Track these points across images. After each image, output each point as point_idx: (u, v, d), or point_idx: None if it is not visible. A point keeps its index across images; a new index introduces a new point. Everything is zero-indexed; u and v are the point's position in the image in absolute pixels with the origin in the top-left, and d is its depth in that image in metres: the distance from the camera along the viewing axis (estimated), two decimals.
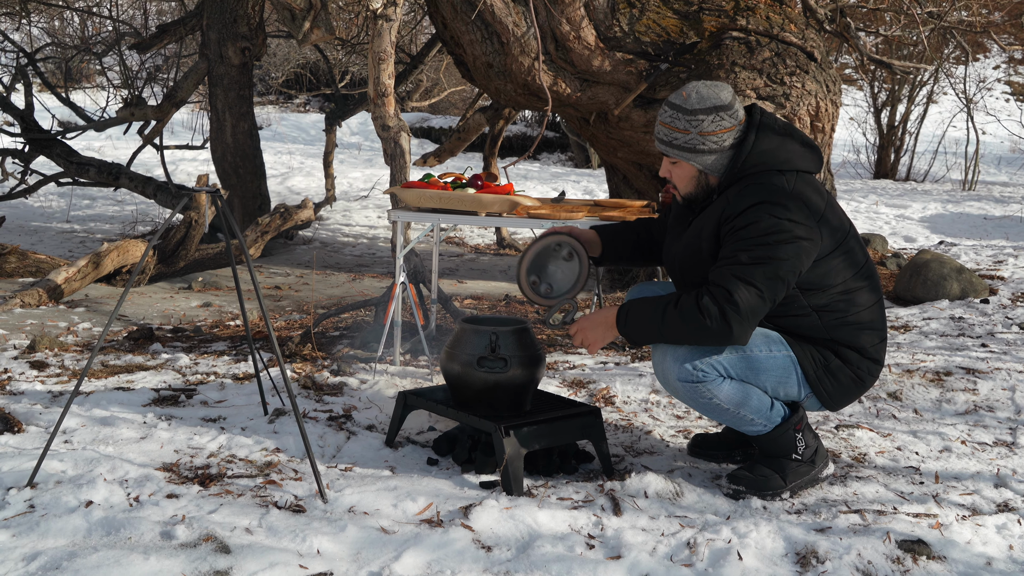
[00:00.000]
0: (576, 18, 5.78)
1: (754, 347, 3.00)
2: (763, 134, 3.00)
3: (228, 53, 8.53)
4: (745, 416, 3.04)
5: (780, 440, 3.10)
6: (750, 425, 3.08)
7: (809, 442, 3.14)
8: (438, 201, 4.45)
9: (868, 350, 3.07)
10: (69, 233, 9.38)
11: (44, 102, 11.19)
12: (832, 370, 3.05)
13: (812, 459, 3.13)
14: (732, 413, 3.04)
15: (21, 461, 3.11)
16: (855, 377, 3.07)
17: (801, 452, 3.11)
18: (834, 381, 3.06)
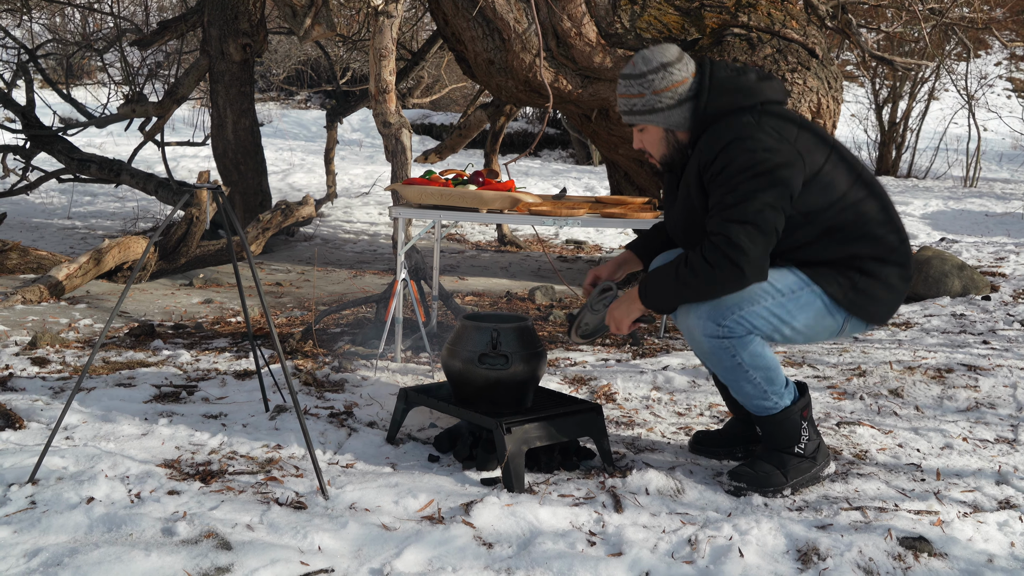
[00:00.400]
0: (577, 14, 5.77)
1: (773, 296, 2.98)
2: (716, 78, 3.01)
3: (229, 49, 8.53)
4: (760, 385, 3.02)
5: (786, 424, 3.08)
6: (763, 400, 3.05)
7: (812, 436, 3.13)
8: (439, 198, 4.45)
9: (890, 257, 3.02)
10: (70, 229, 9.38)
11: (45, 98, 11.19)
12: (861, 289, 2.99)
13: (814, 455, 3.12)
14: (751, 380, 3.02)
15: (22, 457, 3.11)
16: (887, 287, 3.02)
17: (804, 444, 3.10)
18: (867, 298, 3.00)
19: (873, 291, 3.02)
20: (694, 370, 4.40)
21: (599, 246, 9.21)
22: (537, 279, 7.39)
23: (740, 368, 3.02)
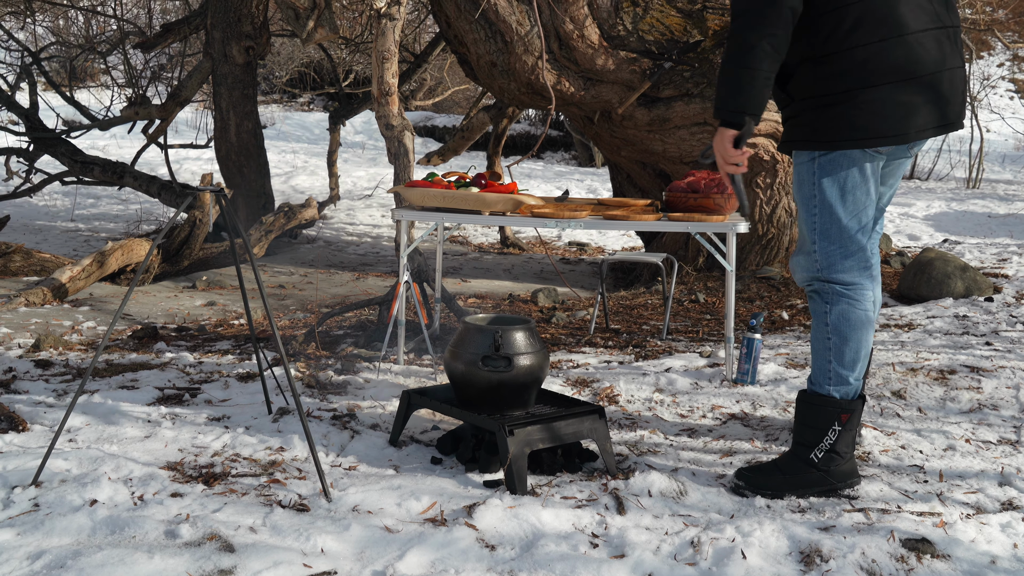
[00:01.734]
0: (580, 17, 5.78)
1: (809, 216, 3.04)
2: None
3: (232, 52, 8.54)
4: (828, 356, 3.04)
5: (818, 415, 3.04)
6: (824, 376, 3.05)
7: (838, 449, 3.03)
8: (442, 200, 4.45)
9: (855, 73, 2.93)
10: (73, 232, 9.39)
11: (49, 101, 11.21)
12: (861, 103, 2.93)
13: (827, 468, 3.04)
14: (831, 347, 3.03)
15: (26, 460, 3.12)
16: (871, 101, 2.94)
17: (822, 454, 3.03)
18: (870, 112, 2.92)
19: (853, 112, 2.94)
20: (696, 372, 4.40)
21: (602, 248, 9.22)
22: (540, 281, 7.40)
23: (824, 326, 3.04)
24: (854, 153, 2.97)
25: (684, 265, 6.71)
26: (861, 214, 3.03)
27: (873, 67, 2.90)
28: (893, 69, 2.91)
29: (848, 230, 3.01)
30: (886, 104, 2.92)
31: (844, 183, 3.00)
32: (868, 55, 2.90)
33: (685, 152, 6.20)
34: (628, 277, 7.29)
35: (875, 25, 2.90)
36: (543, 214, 4.37)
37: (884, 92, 2.91)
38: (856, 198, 3.01)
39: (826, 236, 3.02)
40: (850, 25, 2.90)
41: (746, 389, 4.17)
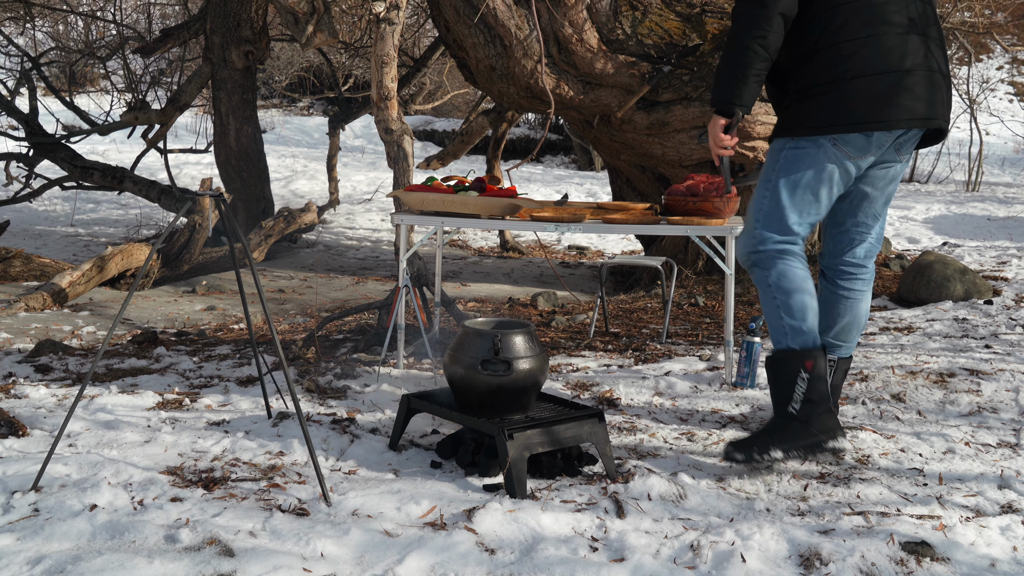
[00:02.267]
0: (579, 21, 5.79)
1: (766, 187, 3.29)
2: None
3: (232, 57, 8.55)
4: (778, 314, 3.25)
5: (782, 370, 3.22)
6: (781, 333, 3.24)
7: (811, 399, 3.15)
8: (441, 204, 4.45)
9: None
10: (73, 237, 9.40)
11: (48, 106, 11.21)
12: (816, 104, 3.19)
13: (808, 419, 3.12)
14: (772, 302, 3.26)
15: (25, 465, 3.12)
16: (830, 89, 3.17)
17: (799, 404, 3.15)
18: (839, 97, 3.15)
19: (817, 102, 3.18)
20: (696, 375, 4.40)
21: (601, 252, 9.22)
22: (539, 285, 7.40)
23: (770, 292, 3.27)
24: (818, 154, 3.20)
25: (684, 269, 6.71)
26: (806, 211, 3.26)
27: (856, 60, 3.12)
28: (873, 62, 3.12)
29: (787, 219, 3.26)
30: (860, 94, 3.12)
31: (800, 180, 3.23)
32: (853, 49, 3.13)
33: (684, 155, 6.20)
34: (628, 281, 7.29)
35: (862, 24, 3.13)
36: (542, 218, 4.38)
37: (862, 83, 3.12)
38: (806, 198, 3.24)
39: (767, 221, 3.28)
40: (839, 23, 3.14)
41: (745, 392, 4.17)
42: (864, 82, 3.12)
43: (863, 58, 3.12)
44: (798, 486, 3.15)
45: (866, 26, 3.13)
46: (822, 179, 3.22)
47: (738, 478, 3.20)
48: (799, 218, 3.26)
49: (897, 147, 3.26)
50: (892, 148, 3.25)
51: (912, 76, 3.13)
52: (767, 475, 3.23)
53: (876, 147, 3.20)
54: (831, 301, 3.50)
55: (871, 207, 3.39)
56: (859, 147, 3.19)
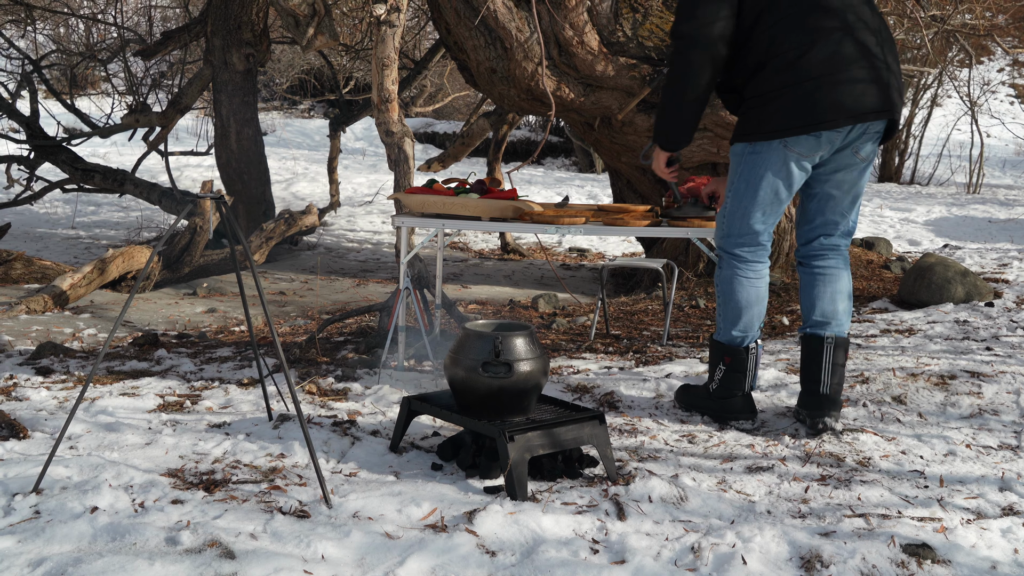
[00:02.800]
0: (579, 23, 5.79)
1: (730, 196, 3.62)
2: None
3: (232, 59, 8.55)
4: (720, 309, 3.71)
5: (712, 354, 3.78)
6: (718, 323, 3.74)
7: (727, 386, 3.72)
8: (441, 206, 4.46)
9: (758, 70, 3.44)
10: (74, 239, 9.40)
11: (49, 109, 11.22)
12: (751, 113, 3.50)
13: (722, 400, 3.74)
14: (719, 304, 3.71)
15: (27, 467, 3.12)
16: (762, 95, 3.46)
17: (715, 386, 3.76)
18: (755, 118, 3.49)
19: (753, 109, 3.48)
20: (697, 378, 4.40)
21: (602, 254, 9.23)
22: (540, 287, 7.40)
23: (717, 285, 3.71)
24: (772, 157, 3.47)
25: (684, 271, 6.71)
26: (769, 210, 3.56)
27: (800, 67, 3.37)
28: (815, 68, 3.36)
29: (749, 217, 3.57)
30: (805, 99, 3.37)
31: (760, 181, 3.52)
32: (796, 57, 3.37)
33: (685, 158, 6.21)
34: (628, 283, 7.29)
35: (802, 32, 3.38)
36: (543, 220, 4.38)
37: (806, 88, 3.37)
38: (767, 197, 3.54)
39: (731, 217, 3.62)
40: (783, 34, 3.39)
41: None
42: (808, 87, 3.35)
43: (805, 64, 3.35)
44: (799, 488, 3.15)
45: (806, 34, 3.37)
46: (779, 179, 3.50)
47: (739, 480, 3.21)
48: (763, 216, 3.57)
49: (855, 149, 3.50)
50: (849, 149, 3.49)
51: (853, 76, 3.36)
52: (768, 476, 3.23)
53: (827, 144, 3.45)
54: (809, 284, 3.72)
55: (838, 206, 3.64)
56: (810, 147, 3.45)
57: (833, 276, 3.68)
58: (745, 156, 3.52)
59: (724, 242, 3.64)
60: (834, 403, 3.62)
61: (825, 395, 3.63)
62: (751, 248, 3.61)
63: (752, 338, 3.72)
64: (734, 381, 3.71)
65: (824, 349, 3.65)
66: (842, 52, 3.35)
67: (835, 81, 3.35)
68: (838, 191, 3.60)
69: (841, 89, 3.35)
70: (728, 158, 6.13)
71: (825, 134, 3.41)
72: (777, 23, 3.39)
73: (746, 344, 3.70)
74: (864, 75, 3.37)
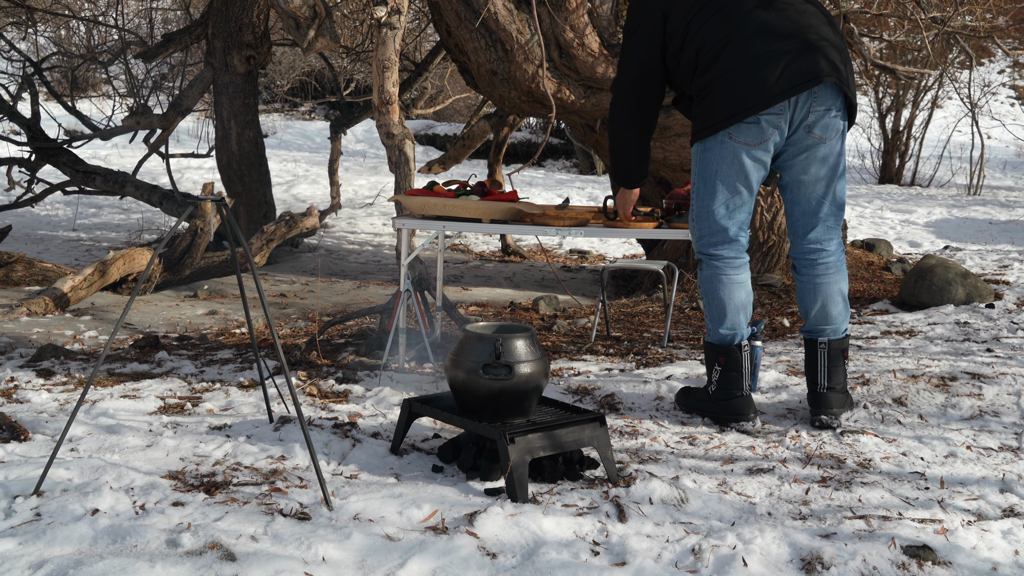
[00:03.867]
0: (580, 25, 5.79)
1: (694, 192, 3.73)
2: None
3: (233, 61, 8.56)
4: (706, 311, 3.77)
5: (707, 357, 3.80)
6: (707, 326, 3.77)
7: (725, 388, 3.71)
8: (442, 208, 4.46)
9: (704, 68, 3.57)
10: (75, 241, 9.41)
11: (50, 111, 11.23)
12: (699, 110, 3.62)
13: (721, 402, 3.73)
14: (705, 304, 3.76)
15: (27, 469, 3.12)
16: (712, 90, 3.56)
17: (713, 388, 3.76)
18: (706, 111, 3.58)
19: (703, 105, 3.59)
20: (698, 380, 4.40)
21: (603, 255, 9.23)
22: (541, 289, 7.40)
23: (701, 289, 3.76)
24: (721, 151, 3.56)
25: (685, 272, 6.71)
26: (731, 203, 3.62)
27: (725, 58, 3.49)
28: (739, 54, 3.48)
29: (714, 215, 3.64)
30: (734, 86, 3.49)
31: (715, 176, 3.60)
32: (720, 50, 3.50)
33: (685, 159, 6.21)
34: (629, 285, 7.29)
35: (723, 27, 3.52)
36: (543, 222, 4.38)
37: (734, 75, 3.48)
38: (726, 191, 3.60)
39: (699, 218, 3.69)
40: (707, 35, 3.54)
41: None
42: (736, 74, 3.47)
43: (729, 54, 3.48)
44: (799, 490, 3.15)
45: (729, 25, 3.50)
46: (733, 171, 3.56)
47: (740, 482, 3.21)
48: (726, 211, 3.63)
49: (807, 128, 3.53)
50: (803, 130, 3.54)
51: (774, 54, 3.45)
52: (769, 478, 3.23)
53: (771, 128, 3.50)
54: (803, 289, 3.82)
55: (810, 192, 3.66)
56: (753, 134, 3.51)
57: (823, 284, 3.76)
58: (698, 156, 3.63)
59: (699, 244, 3.72)
60: (832, 401, 3.75)
61: (822, 393, 3.77)
62: (725, 246, 3.68)
63: (742, 336, 3.75)
64: (731, 381, 3.73)
65: (818, 353, 3.80)
66: (762, 35, 3.47)
67: (757, 64, 3.45)
68: (805, 175, 3.64)
69: (765, 70, 3.44)
70: None
71: (763, 118, 3.47)
72: (701, 29, 3.54)
73: (737, 342, 3.73)
74: (786, 51, 3.45)
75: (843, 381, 3.81)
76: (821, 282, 3.76)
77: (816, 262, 3.76)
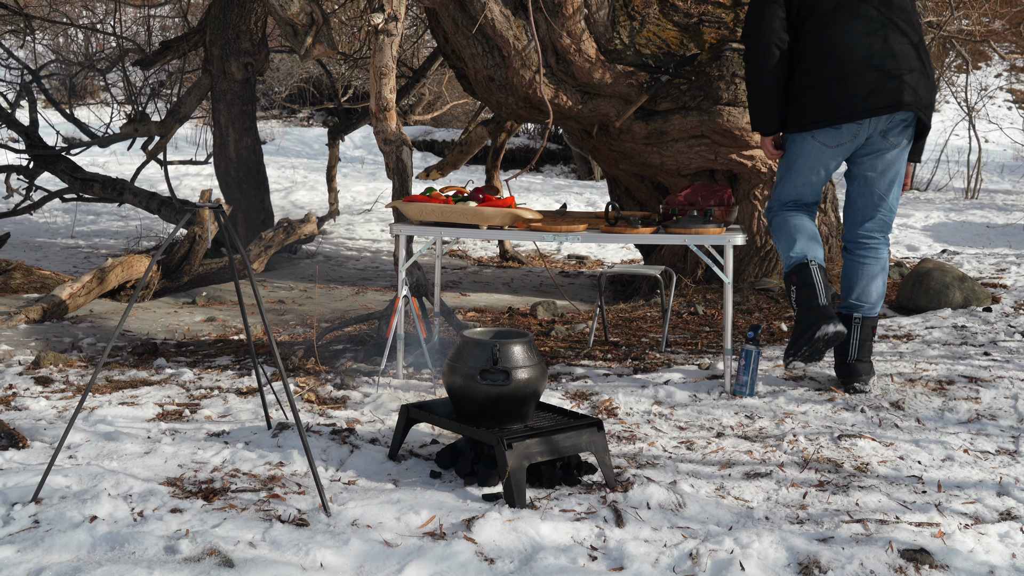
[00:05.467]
0: (577, 31, 5.80)
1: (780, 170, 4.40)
2: None
3: (231, 68, 8.57)
4: (780, 249, 4.33)
5: (786, 286, 4.28)
6: (784, 262, 4.30)
7: (804, 301, 4.15)
8: (440, 215, 4.47)
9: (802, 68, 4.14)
10: (74, 249, 9.41)
11: (49, 118, 11.24)
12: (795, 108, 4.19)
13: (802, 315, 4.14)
14: (777, 242, 4.36)
15: (26, 476, 3.12)
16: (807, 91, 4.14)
17: (796, 307, 4.20)
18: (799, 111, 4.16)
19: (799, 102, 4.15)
20: (695, 384, 4.41)
21: (601, 261, 9.23)
22: (539, 294, 7.41)
23: (773, 234, 4.38)
24: (804, 146, 4.20)
25: (683, 277, 6.72)
26: (803, 183, 4.29)
27: (826, 66, 4.06)
28: (838, 67, 4.04)
29: (789, 187, 4.32)
30: (826, 96, 4.07)
31: (794, 164, 4.29)
32: (823, 58, 4.06)
33: (683, 164, 6.22)
34: (627, 290, 7.30)
35: (829, 35, 4.07)
36: (541, 228, 4.39)
37: (829, 87, 4.06)
38: (799, 178, 4.29)
39: (778, 189, 4.39)
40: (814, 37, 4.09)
41: (744, 401, 4.18)
42: (830, 85, 4.05)
43: (831, 64, 4.05)
44: (797, 494, 3.16)
45: (832, 37, 4.06)
46: (808, 164, 4.24)
47: (737, 486, 3.21)
48: (799, 190, 4.31)
49: (882, 133, 4.13)
50: (878, 135, 4.13)
51: (865, 74, 4.03)
52: (766, 483, 3.24)
53: (849, 136, 4.13)
54: (851, 269, 4.35)
55: (875, 187, 4.25)
56: (833, 137, 4.13)
57: (870, 265, 4.32)
58: (788, 144, 4.31)
59: (773, 204, 4.40)
60: (861, 370, 4.25)
61: (852, 364, 4.26)
62: (792, 207, 4.35)
63: (810, 256, 4.22)
64: (807, 294, 4.17)
65: (853, 326, 4.29)
66: (864, 52, 4.03)
67: (851, 81, 4.03)
68: (872, 172, 4.23)
69: (856, 88, 4.02)
70: (724, 165, 6.15)
71: (845, 126, 4.09)
72: (812, 28, 4.08)
73: (807, 260, 4.22)
74: (877, 75, 4.03)
75: (869, 353, 4.31)
76: (868, 263, 4.31)
77: (868, 246, 4.31)
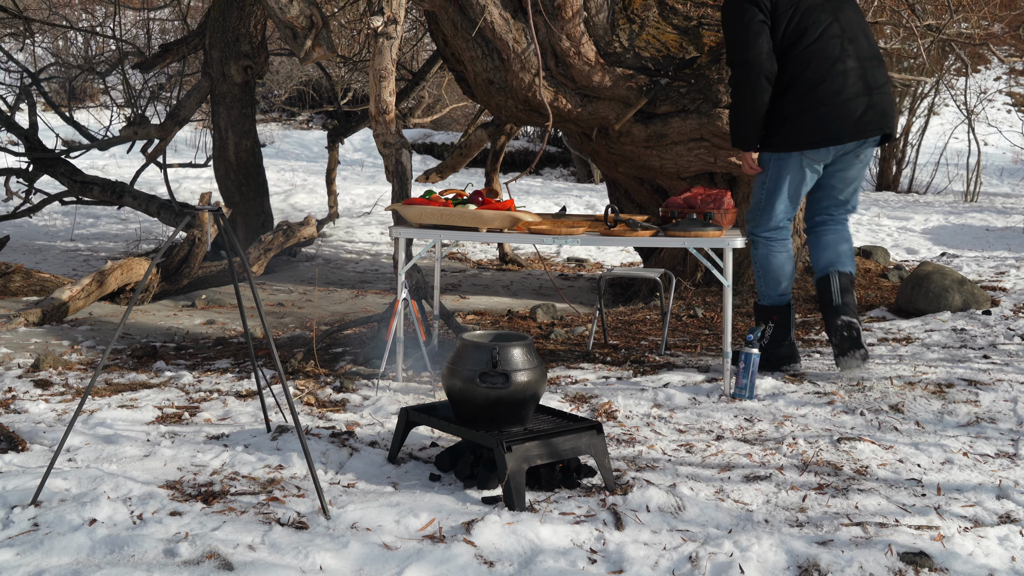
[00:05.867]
0: (576, 34, 5.81)
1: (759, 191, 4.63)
2: None
3: (230, 71, 8.57)
4: (759, 280, 4.66)
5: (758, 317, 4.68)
6: (760, 292, 4.67)
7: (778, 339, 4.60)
8: (439, 217, 4.47)
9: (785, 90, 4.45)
10: (73, 252, 9.41)
11: (48, 121, 11.24)
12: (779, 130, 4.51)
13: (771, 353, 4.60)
14: (760, 276, 4.65)
15: (25, 479, 3.12)
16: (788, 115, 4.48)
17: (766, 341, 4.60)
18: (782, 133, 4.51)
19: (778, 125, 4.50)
20: (695, 387, 4.41)
21: (600, 264, 9.24)
22: (538, 297, 7.41)
23: (756, 268, 4.67)
24: (792, 164, 4.50)
25: (682, 280, 6.72)
26: (789, 205, 4.57)
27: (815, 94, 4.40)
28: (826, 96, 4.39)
29: (773, 211, 4.57)
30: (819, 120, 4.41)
31: (783, 183, 4.54)
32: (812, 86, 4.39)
33: (682, 167, 6.22)
34: (626, 293, 7.30)
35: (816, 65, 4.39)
36: (540, 230, 4.39)
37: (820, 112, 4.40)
38: (787, 196, 4.55)
39: (761, 210, 4.60)
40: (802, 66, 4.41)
41: (744, 404, 4.18)
42: (821, 111, 4.41)
43: (820, 92, 4.39)
44: (796, 497, 3.16)
45: (819, 66, 4.40)
46: (797, 180, 4.55)
47: (737, 489, 3.21)
48: (784, 210, 4.58)
49: (856, 154, 4.53)
50: (851, 155, 4.53)
51: (856, 102, 4.41)
52: (766, 485, 3.24)
53: (834, 154, 4.51)
54: (815, 242, 4.66)
55: (840, 194, 4.65)
56: (821, 156, 4.51)
57: (834, 234, 4.64)
58: (773, 161, 4.55)
59: (755, 229, 4.62)
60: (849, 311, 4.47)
61: (837, 305, 4.49)
62: (776, 231, 4.59)
63: (789, 296, 4.64)
64: (782, 334, 4.62)
65: (831, 279, 4.54)
66: (847, 82, 4.40)
67: (842, 107, 4.40)
68: (841, 184, 4.62)
69: (846, 114, 4.40)
70: (724, 168, 6.15)
71: (833, 147, 4.47)
72: (800, 55, 4.39)
73: (790, 304, 4.64)
74: (864, 101, 4.42)
75: (854, 306, 4.51)
76: (830, 238, 4.62)
77: (827, 223, 4.66)
